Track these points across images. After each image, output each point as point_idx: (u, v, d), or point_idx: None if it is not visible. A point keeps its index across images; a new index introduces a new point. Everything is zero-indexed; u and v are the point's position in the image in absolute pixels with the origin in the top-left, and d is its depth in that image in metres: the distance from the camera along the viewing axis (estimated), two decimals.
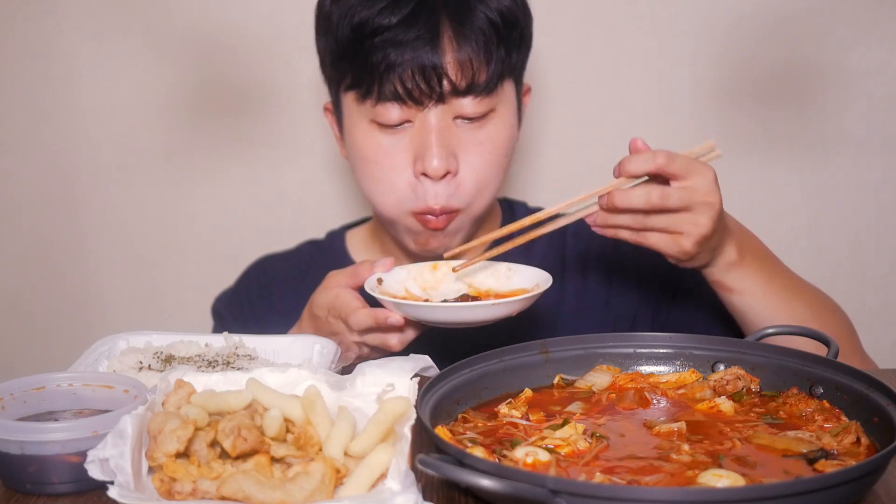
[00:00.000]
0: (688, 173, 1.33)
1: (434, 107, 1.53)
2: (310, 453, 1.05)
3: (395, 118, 1.54)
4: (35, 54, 2.14)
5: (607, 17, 2.10)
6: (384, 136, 1.56)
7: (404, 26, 1.51)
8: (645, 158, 1.33)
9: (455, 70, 1.52)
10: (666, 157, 1.33)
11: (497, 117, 1.58)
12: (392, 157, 1.56)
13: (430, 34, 1.51)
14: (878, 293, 2.18)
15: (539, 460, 1.08)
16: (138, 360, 1.32)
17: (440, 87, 1.52)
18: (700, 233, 1.35)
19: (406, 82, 1.51)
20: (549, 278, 1.42)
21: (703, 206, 1.34)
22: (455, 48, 1.52)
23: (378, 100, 1.54)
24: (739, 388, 1.25)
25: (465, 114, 1.55)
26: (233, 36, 2.13)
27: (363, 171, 1.61)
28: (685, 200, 1.34)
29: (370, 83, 1.53)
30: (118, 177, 2.19)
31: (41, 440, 1.08)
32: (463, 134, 1.56)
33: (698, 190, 1.34)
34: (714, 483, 1.00)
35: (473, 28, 1.53)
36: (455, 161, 1.55)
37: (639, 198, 1.34)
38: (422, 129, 1.54)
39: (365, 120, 1.57)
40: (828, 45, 2.09)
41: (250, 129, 2.17)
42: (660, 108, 2.13)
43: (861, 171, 2.14)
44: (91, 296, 2.25)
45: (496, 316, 1.36)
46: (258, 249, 1.93)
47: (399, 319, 1.38)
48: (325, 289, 1.48)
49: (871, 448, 1.10)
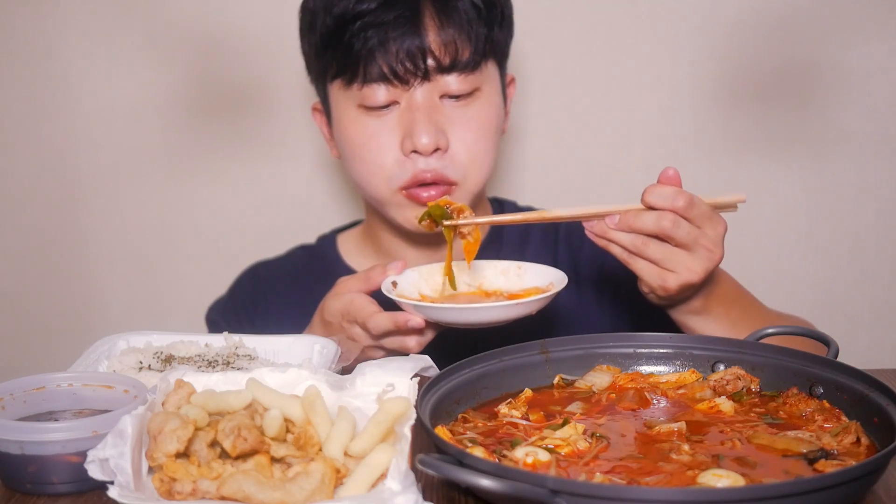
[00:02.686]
0: (703, 222, 1.34)
1: (420, 85, 1.55)
2: (310, 453, 1.05)
3: (382, 99, 1.56)
4: (35, 54, 2.14)
5: (608, 17, 2.11)
6: (371, 120, 1.58)
7: (384, 8, 1.54)
8: (666, 196, 1.33)
9: (438, 47, 1.54)
10: (687, 201, 1.33)
11: (483, 96, 1.60)
12: (379, 138, 1.58)
13: (412, 13, 1.53)
14: (878, 293, 2.18)
15: (539, 460, 1.08)
16: (138, 360, 1.32)
17: (424, 65, 1.54)
18: (689, 278, 1.36)
19: (390, 62, 1.53)
20: (564, 276, 1.41)
21: (705, 252, 1.35)
22: (437, 26, 1.54)
23: (364, 82, 1.56)
24: (739, 388, 1.25)
25: (451, 91, 1.57)
26: (233, 36, 2.13)
27: (353, 158, 1.62)
28: (691, 239, 1.34)
29: (355, 67, 1.55)
30: (118, 177, 2.19)
31: (41, 440, 1.08)
32: (450, 111, 1.58)
33: (706, 237, 1.35)
34: (714, 483, 1.00)
35: (455, 6, 1.55)
36: (444, 137, 1.56)
37: (649, 221, 1.33)
38: (409, 108, 1.56)
39: (352, 106, 1.59)
40: (828, 45, 2.09)
41: (250, 130, 2.17)
42: (660, 108, 2.13)
43: (861, 171, 2.14)
44: (91, 296, 2.25)
45: (516, 315, 1.36)
46: (258, 249, 1.93)
47: (420, 322, 1.38)
48: (336, 295, 1.47)
49: (871, 448, 1.10)
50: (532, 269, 1.48)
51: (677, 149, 2.14)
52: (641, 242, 1.35)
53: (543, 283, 1.44)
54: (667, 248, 1.35)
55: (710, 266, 1.36)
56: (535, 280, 1.46)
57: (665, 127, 2.14)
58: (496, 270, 1.50)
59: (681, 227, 1.33)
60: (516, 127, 2.13)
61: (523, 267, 1.48)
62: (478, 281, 1.50)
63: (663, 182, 1.35)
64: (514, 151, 2.15)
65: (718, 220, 1.36)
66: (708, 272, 1.36)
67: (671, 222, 1.33)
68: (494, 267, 1.50)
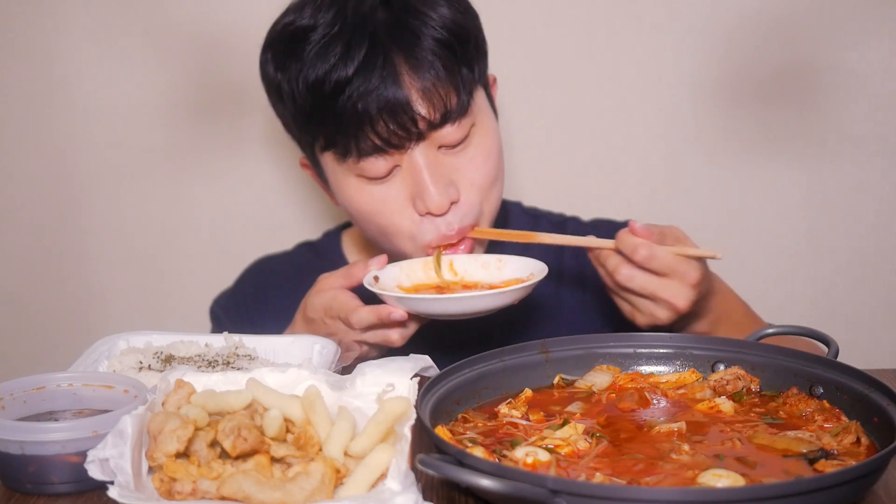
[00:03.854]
0: (668, 272, 1.38)
1: (416, 145, 1.49)
2: (310, 453, 1.05)
3: (383, 170, 1.50)
4: (35, 54, 2.14)
5: (607, 17, 2.10)
6: (376, 188, 1.52)
7: (364, 74, 1.45)
8: (628, 245, 1.38)
9: (426, 105, 1.47)
10: (646, 256, 1.37)
11: (478, 131, 1.54)
12: (389, 204, 1.52)
13: (391, 76, 1.45)
14: (878, 293, 2.18)
15: (539, 460, 1.08)
16: (138, 360, 1.32)
17: (416, 128, 1.47)
18: (654, 322, 1.42)
19: (382, 132, 1.46)
20: (544, 266, 1.42)
21: (665, 303, 1.39)
22: (418, 83, 1.46)
23: (360, 156, 1.49)
24: (739, 388, 1.25)
25: (448, 143, 1.51)
26: (233, 36, 2.12)
27: (365, 225, 1.58)
28: (649, 290, 1.39)
29: (346, 143, 1.48)
30: (118, 177, 2.19)
31: (41, 440, 1.08)
32: (452, 159, 1.52)
33: (671, 288, 1.38)
34: (714, 483, 1.00)
35: (428, 56, 1.47)
36: (454, 189, 1.51)
37: (611, 266, 1.41)
38: (411, 170, 1.50)
39: (351, 175, 1.53)
40: (828, 45, 2.09)
41: (250, 129, 2.17)
42: (660, 109, 2.13)
43: (861, 171, 2.14)
44: (91, 296, 2.25)
45: (497, 305, 1.37)
46: (258, 249, 1.93)
47: (403, 314, 1.38)
48: (318, 291, 1.48)
49: (871, 448, 1.10)
50: (512, 261, 1.48)
51: (677, 149, 2.14)
52: (621, 280, 1.40)
53: (524, 274, 1.45)
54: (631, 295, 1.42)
55: (672, 315, 1.40)
56: (515, 272, 1.47)
57: (665, 127, 2.14)
58: (476, 264, 1.50)
59: (634, 279, 1.39)
60: (516, 127, 2.12)
61: (503, 259, 1.49)
62: (459, 275, 1.50)
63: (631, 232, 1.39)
64: (514, 152, 2.15)
65: (686, 269, 1.38)
66: (671, 319, 1.41)
67: (625, 276, 1.39)
68: (475, 260, 1.50)
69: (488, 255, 1.51)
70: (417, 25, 1.48)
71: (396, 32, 1.48)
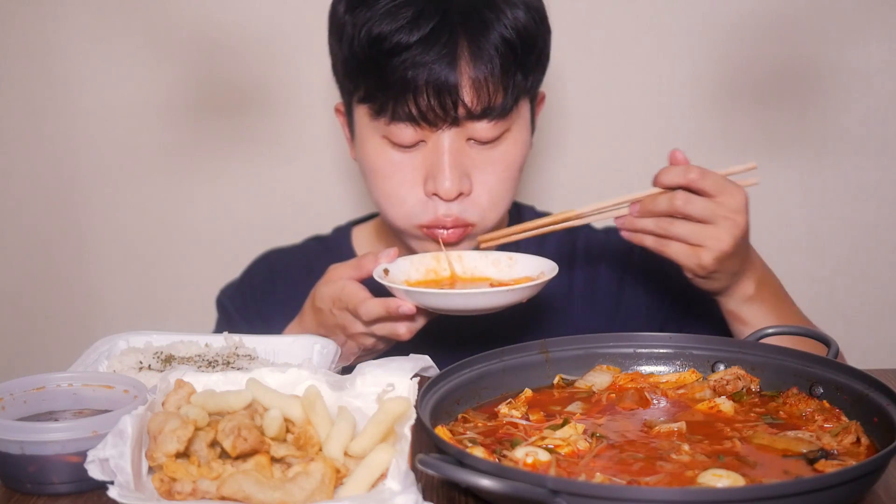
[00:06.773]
0: (718, 191, 1.36)
1: (448, 129, 1.50)
2: (310, 453, 1.05)
3: (409, 139, 1.51)
4: (35, 54, 2.14)
5: (607, 17, 2.11)
6: (396, 153, 1.54)
7: (424, 46, 1.47)
8: (677, 172, 1.37)
9: (471, 94, 1.48)
10: (699, 172, 1.36)
11: (510, 137, 1.55)
12: (403, 172, 1.54)
13: (449, 56, 1.47)
14: (878, 293, 2.18)
15: (539, 460, 1.08)
16: (138, 360, 1.32)
17: (455, 112, 1.49)
18: (720, 248, 1.37)
19: (421, 105, 1.48)
20: (555, 266, 1.42)
21: (727, 221, 1.36)
22: (472, 71, 1.48)
23: (392, 119, 1.50)
24: (739, 388, 1.25)
25: (479, 138, 1.52)
26: (233, 36, 2.13)
27: (373, 183, 1.59)
28: (709, 212, 1.36)
29: (384, 102, 1.50)
30: (118, 177, 2.20)
31: (41, 440, 1.08)
32: (476, 154, 1.53)
33: (725, 206, 1.36)
34: (714, 483, 1.00)
35: (490, 50, 1.49)
36: (468, 181, 1.53)
37: (663, 202, 1.38)
38: (435, 150, 1.51)
39: (377, 135, 1.54)
40: (828, 45, 2.09)
41: (250, 129, 2.17)
42: (660, 109, 2.13)
43: (861, 171, 2.14)
44: (91, 296, 2.25)
45: (505, 302, 1.36)
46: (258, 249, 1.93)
47: (411, 308, 1.38)
48: (328, 281, 1.48)
49: (871, 448, 1.10)
50: (523, 260, 1.48)
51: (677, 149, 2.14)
52: (667, 223, 1.38)
53: (534, 272, 1.44)
54: (690, 225, 1.37)
55: (736, 233, 1.37)
56: (525, 270, 1.47)
57: (665, 127, 2.14)
58: (487, 261, 1.50)
59: (693, 202, 1.36)
60: None
61: (514, 258, 1.49)
62: (469, 271, 1.50)
63: (672, 163, 1.39)
64: None
65: (734, 188, 1.37)
66: (736, 239, 1.37)
67: (683, 200, 1.36)
68: (485, 257, 1.50)
69: (499, 252, 1.51)
70: (491, 18, 1.50)
71: (468, 17, 1.49)
